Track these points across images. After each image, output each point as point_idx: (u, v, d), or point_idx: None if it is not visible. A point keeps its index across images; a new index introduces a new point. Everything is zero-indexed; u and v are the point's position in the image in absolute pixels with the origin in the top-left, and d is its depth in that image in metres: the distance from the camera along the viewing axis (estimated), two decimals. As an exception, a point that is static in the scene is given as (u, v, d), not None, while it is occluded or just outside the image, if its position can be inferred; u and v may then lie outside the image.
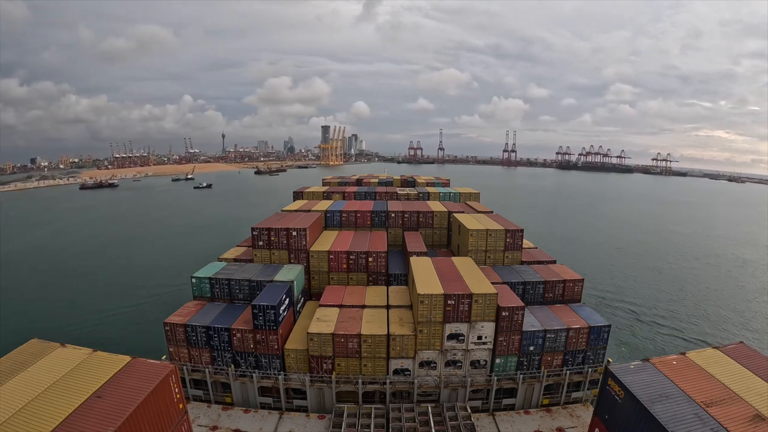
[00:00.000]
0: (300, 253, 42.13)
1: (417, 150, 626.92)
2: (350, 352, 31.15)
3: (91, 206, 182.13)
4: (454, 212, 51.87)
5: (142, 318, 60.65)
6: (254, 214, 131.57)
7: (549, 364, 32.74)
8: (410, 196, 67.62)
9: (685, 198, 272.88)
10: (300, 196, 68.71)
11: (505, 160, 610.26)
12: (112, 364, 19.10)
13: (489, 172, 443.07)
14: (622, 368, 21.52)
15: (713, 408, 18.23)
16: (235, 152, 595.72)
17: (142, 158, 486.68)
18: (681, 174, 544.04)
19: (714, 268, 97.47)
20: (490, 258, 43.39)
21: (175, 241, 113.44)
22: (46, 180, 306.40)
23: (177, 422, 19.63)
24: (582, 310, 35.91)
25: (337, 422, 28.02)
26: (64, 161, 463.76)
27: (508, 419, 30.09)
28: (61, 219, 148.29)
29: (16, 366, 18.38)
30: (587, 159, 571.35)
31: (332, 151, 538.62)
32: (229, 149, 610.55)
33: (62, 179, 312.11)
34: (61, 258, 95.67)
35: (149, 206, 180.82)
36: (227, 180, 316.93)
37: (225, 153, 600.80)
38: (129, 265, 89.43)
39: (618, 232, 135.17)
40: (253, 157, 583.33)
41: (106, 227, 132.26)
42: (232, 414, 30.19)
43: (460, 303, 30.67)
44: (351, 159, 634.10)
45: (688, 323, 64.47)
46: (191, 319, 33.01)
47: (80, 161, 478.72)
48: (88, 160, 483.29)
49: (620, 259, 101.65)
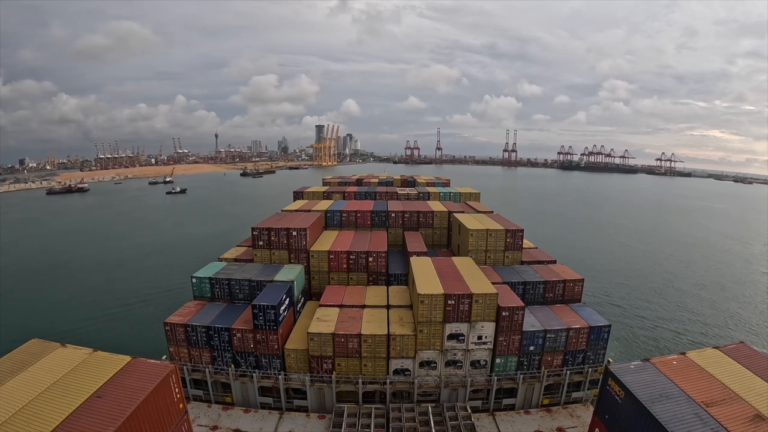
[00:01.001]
0: (300, 253, 42.12)
1: (414, 150, 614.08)
2: (350, 352, 31.15)
3: (33, 218, 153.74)
4: (454, 212, 51.86)
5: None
6: (223, 229, 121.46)
7: (549, 364, 32.72)
8: (410, 196, 67.61)
9: (709, 203, 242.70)
10: (300, 196, 68.67)
11: (505, 160, 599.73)
12: (112, 364, 19.10)
13: (489, 173, 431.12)
14: (622, 368, 21.52)
15: (713, 408, 18.21)
16: (227, 152, 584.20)
17: (130, 159, 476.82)
18: (685, 174, 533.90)
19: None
20: (491, 258, 43.37)
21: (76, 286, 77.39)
22: (19, 184, 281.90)
23: (177, 422, 19.63)
24: (582, 310, 35.90)
25: (338, 422, 28.03)
26: (50, 162, 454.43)
27: (509, 419, 30.09)
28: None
29: (17, 366, 18.37)
30: (590, 159, 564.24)
31: (325, 150, 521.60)
32: (221, 149, 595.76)
33: (35, 183, 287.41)
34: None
35: (96, 220, 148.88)
36: (208, 183, 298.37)
37: (216, 153, 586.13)
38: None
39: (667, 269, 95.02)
40: (245, 158, 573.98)
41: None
42: (232, 414, 30.21)
43: (460, 303, 30.67)
44: (345, 159, 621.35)
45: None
46: (191, 319, 33.02)
47: (68, 162, 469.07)
48: (76, 161, 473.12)
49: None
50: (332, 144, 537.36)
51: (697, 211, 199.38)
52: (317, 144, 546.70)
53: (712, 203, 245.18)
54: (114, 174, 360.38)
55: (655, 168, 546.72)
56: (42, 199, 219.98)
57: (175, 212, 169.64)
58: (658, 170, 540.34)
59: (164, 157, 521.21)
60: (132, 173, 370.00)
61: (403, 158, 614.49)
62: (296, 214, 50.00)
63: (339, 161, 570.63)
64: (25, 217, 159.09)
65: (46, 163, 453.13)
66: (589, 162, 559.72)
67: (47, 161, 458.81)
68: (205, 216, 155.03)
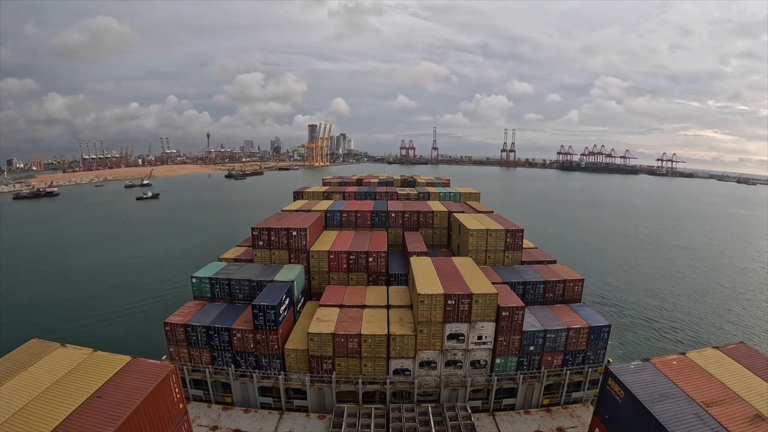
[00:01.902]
0: (300, 253, 42.12)
1: (410, 150, 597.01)
2: (350, 352, 31.14)
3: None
4: (454, 212, 51.86)
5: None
6: (178, 252, 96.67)
7: (549, 364, 32.72)
8: (410, 196, 67.64)
9: (729, 208, 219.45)
10: (300, 196, 68.74)
11: (503, 160, 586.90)
12: (112, 364, 19.09)
13: (487, 174, 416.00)
14: (622, 368, 21.51)
15: (713, 408, 18.21)
16: (217, 152, 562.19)
17: (117, 159, 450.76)
18: (686, 175, 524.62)
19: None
20: (491, 258, 43.37)
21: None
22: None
23: (177, 422, 19.62)
24: (582, 310, 35.90)
25: (338, 422, 28.02)
26: (36, 163, 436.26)
27: (509, 419, 30.09)
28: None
29: (17, 366, 18.36)
30: (590, 159, 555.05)
31: (317, 150, 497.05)
32: (210, 150, 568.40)
33: (7, 186, 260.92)
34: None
35: (35, 235, 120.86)
36: (188, 186, 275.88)
37: (206, 153, 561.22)
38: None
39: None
40: (235, 158, 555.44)
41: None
42: (232, 414, 30.20)
43: (460, 303, 30.67)
44: (339, 159, 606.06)
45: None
46: (191, 319, 33.01)
47: (55, 162, 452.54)
48: (63, 161, 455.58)
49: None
50: (324, 144, 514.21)
51: (724, 220, 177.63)
52: (309, 144, 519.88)
53: (735, 208, 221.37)
54: (93, 176, 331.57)
55: (657, 169, 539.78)
56: (7, 204, 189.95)
57: (133, 226, 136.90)
58: (659, 171, 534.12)
59: (152, 157, 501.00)
60: (113, 175, 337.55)
61: (398, 158, 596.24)
62: (296, 214, 50.01)
63: (332, 161, 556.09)
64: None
65: (33, 164, 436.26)
66: (590, 162, 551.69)
67: (33, 162, 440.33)
68: (164, 231, 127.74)
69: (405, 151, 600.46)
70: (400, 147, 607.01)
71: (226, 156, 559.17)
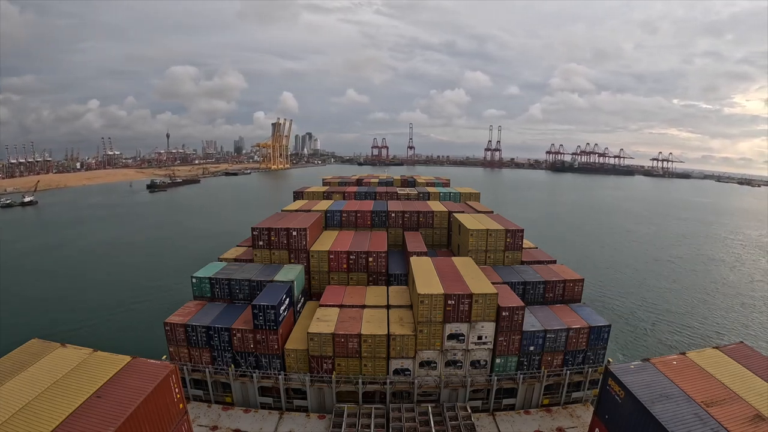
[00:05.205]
0: (300, 253, 42.12)
1: (382, 149, 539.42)
2: (350, 352, 31.14)
3: None
4: (454, 212, 51.87)
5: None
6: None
7: (549, 364, 32.71)
8: (410, 196, 67.70)
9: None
10: (300, 196, 68.80)
11: (487, 160, 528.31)
12: (112, 364, 19.09)
13: (473, 176, 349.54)
14: (622, 368, 21.53)
15: (713, 408, 18.22)
16: (168, 154, 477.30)
17: (47, 164, 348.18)
18: (683, 176, 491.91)
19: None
20: (491, 258, 43.37)
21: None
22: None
23: (177, 422, 19.62)
24: (582, 310, 35.89)
25: (338, 422, 28.02)
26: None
27: (509, 419, 30.09)
28: None
29: (16, 366, 18.36)
30: (582, 159, 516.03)
31: (275, 151, 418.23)
32: (161, 151, 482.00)
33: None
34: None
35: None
36: (72, 208, 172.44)
37: (156, 155, 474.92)
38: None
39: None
40: (188, 160, 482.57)
41: None
42: (232, 414, 30.20)
43: (460, 303, 30.67)
44: (303, 160, 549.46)
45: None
46: (191, 319, 33.00)
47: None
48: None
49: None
50: (284, 142, 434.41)
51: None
52: (263, 143, 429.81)
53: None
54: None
55: (653, 170, 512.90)
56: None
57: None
58: (655, 172, 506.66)
59: (92, 160, 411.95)
60: (13, 185, 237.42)
61: (369, 159, 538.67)
62: (296, 214, 50.02)
63: (294, 163, 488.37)
64: None
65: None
66: (583, 163, 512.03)
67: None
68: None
69: (377, 150, 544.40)
70: (372, 146, 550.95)
71: (177, 158, 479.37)
